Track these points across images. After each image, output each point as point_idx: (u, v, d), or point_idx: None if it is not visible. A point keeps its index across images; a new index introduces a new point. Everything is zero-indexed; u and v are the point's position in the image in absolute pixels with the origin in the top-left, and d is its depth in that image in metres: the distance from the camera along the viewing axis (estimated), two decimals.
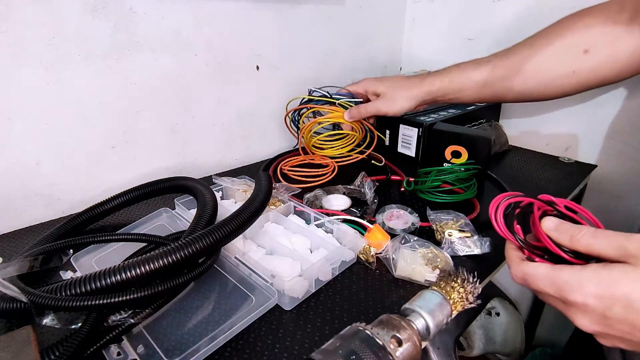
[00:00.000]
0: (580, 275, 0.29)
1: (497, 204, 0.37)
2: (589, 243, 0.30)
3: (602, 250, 0.29)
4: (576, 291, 0.29)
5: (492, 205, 0.37)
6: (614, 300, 0.27)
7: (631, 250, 0.27)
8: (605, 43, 0.54)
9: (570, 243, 0.31)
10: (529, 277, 0.32)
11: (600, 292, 0.28)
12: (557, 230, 0.32)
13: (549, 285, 0.31)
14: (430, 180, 0.64)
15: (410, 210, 0.57)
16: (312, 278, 0.45)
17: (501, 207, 0.37)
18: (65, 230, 0.51)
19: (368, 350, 0.30)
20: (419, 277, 0.46)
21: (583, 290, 0.28)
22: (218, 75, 0.73)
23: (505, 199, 0.37)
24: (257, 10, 0.74)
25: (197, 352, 0.36)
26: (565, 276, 0.30)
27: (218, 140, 0.78)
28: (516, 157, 0.85)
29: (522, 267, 0.33)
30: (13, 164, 0.56)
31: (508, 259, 0.36)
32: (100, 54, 0.59)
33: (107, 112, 0.62)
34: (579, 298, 0.29)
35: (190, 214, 0.56)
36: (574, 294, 0.29)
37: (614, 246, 0.29)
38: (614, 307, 0.27)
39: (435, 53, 1.05)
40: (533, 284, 0.32)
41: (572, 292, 0.29)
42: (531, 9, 0.84)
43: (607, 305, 0.28)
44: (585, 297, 0.28)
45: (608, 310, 0.28)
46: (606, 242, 0.29)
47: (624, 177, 0.81)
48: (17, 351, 0.32)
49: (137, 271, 0.34)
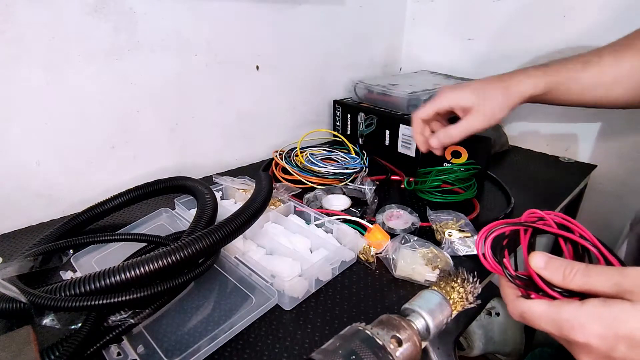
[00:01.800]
0: (580, 314, 0.28)
1: (483, 237, 0.35)
2: (583, 282, 0.29)
3: (597, 288, 0.28)
4: (578, 331, 0.28)
5: (478, 239, 0.35)
6: (617, 340, 0.27)
7: (626, 287, 0.27)
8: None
9: (563, 283, 0.30)
10: (526, 315, 0.31)
11: (602, 332, 0.27)
12: (547, 269, 0.31)
13: (549, 324, 0.30)
14: (430, 180, 0.64)
15: (410, 210, 0.57)
16: (312, 278, 0.45)
17: (489, 240, 0.34)
18: (65, 230, 0.51)
19: (368, 350, 0.30)
20: (419, 277, 0.46)
21: (584, 330, 0.28)
22: (218, 75, 0.73)
23: (492, 231, 0.35)
24: (257, 10, 0.74)
25: (197, 352, 0.36)
26: (565, 315, 0.29)
27: (218, 140, 0.78)
28: (516, 157, 0.85)
29: (518, 305, 0.32)
30: (13, 164, 0.56)
31: (503, 295, 0.34)
32: (100, 54, 0.59)
33: (107, 112, 0.62)
34: (581, 338, 0.28)
35: (190, 214, 0.56)
36: (575, 334, 0.28)
37: (609, 284, 0.28)
38: (618, 347, 0.27)
39: (435, 53, 1.05)
40: (532, 323, 0.31)
41: (573, 331, 0.28)
42: (531, 9, 0.84)
43: (611, 346, 0.27)
44: (588, 338, 0.28)
45: (612, 350, 0.27)
46: (600, 279, 0.28)
47: (624, 177, 0.81)
48: (17, 351, 0.32)
49: (137, 272, 0.34)
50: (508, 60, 0.91)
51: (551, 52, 0.83)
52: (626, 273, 0.27)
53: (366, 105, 0.87)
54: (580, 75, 0.54)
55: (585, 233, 0.33)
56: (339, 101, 0.91)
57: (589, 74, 0.54)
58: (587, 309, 0.28)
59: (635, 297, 0.27)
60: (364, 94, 0.89)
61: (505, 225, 0.35)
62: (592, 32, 0.78)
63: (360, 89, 0.89)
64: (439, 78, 0.95)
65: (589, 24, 0.78)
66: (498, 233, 0.35)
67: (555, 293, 0.31)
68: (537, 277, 0.31)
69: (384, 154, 0.82)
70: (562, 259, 0.31)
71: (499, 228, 0.35)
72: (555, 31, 0.82)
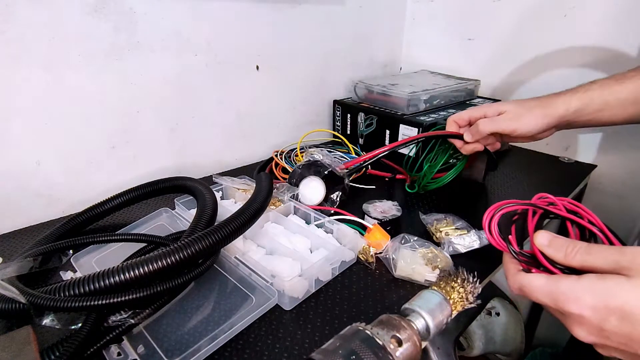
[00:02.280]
0: (576, 287, 0.29)
1: (491, 214, 0.36)
2: (583, 259, 0.30)
3: (596, 266, 0.30)
4: (572, 303, 0.29)
5: (485, 216, 0.36)
6: (609, 312, 0.28)
7: (624, 263, 0.28)
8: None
9: (565, 260, 0.31)
10: (525, 288, 0.33)
11: (595, 303, 0.28)
12: (551, 246, 0.32)
13: (545, 297, 0.31)
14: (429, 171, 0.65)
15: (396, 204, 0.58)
16: (312, 278, 0.45)
17: (495, 217, 0.36)
18: (65, 230, 0.51)
19: (368, 350, 0.30)
20: (419, 277, 0.46)
21: (579, 302, 0.29)
22: (218, 75, 0.73)
23: (499, 209, 0.36)
24: (257, 10, 0.74)
25: (197, 352, 0.36)
26: (562, 288, 0.30)
27: (218, 140, 0.78)
28: (516, 157, 0.85)
29: (518, 279, 0.33)
30: (13, 164, 0.56)
31: (505, 269, 0.36)
32: (100, 54, 0.59)
33: (107, 112, 0.62)
34: (575, 310, 0.29)
35: (190, 214, 0.56)
36: (570, 305, 0.29)
37: (607, 261, 0.29)
38: (609, 319, 0.28)
39: (435, 53, 1.05)
40: (530, 295, 0.32)
41: (568, 303, 0.29)
42: (531, 9, 0.84)
43: (602, 317, 0.28)
44: (581, 309, 0.29)
45: (604, 322, 0.28)
46: (600, 257, 0.29)
47: (624, 177, 0.81)
48: (17, 351, 0.32)
49: (136, 272, 0.34)
50: (508, 61, 0.91)
51: (552, 52, 0.83)
52: (625, 251, 0.28)
53: (366, 105, 0.87)
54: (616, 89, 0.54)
55: (594, 219, 0.34)
56: (339, 101, 0.91)
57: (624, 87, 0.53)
58: (584, 283, 0.29)
59: (631, 272, 0.27)
60: (364, 94, 0.89)
61: (514, 205, 0.36)
62: (593, 32, 0.78)
63: (360, 89, 0.89)
64: (439, 78, 0.95)
65: (590, 23, 0.78)
66: (506, 211, 0.36)
67: (556, 270, 0.32)
68: (540, 255, 0.32)
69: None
70: (566, 238, 0.32)
71: (507, 207, 0.36)
72: (556, 31, 0.82)
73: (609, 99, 0.54)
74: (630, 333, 0.27)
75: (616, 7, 0.74)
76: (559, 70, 0.84)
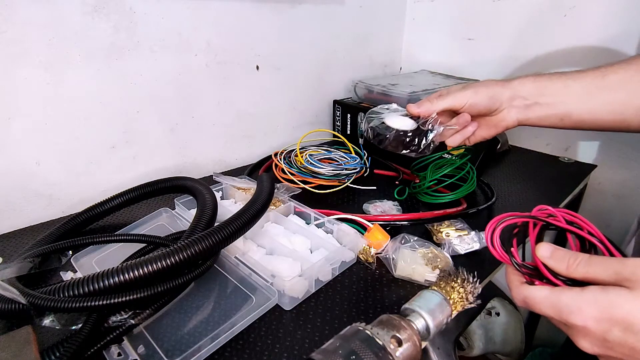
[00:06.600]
0: (579, 299, 0.29)
1: (492, 227, 0.36)
2: (585, 271, 0.30)
3: (598, 277, 0.30)
4: (576, 315, 0.29)
5: (487, 229, 0.36)
6: (612, 323, 0.28)
7: (626, 275, 0.28)
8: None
9: (567, 272, 0.31)
10: (529, 300, 0.33)
11: (598, 315, 0.28)
12: (553, 258, 0.32)
13: (549, 309, 0.31)
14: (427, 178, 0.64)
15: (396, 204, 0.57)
16: (312, 278, 0.45)
17: (497, 230, 0.36)
18: (65, 230, 0.51)
19: (368, 350, 0.30)
20: (419, 277, 0.46)
21: (582, 313, 0.29)
22: (218, 75, 0.73)
23: (501, 222, 0.36)
24: (257, 10, 0.74)
25: (198, 352, 0.36)
26: (565, 300, 0.30)
27: (218, 140, 0.78)
28: (516, 157, 0.85)
29: (522, 291, 0.34)
30: (13, 164, 0.56)
31: (508, 281, 0.36)
32: (100, 54, 0.59)
33: (107, 112, 0.62)
34: (579, 321, 0.29)
35: (190, 214, 0.56)
36: (573, 317, 0.29)
37: (609, 272, 0.29)
38: (612, 330, 0.28)
39: (435, 53, 1.05)
40: (534, 307, 0.33)
41: (571, 315, 0.30)
42: (531, 9, 0.84)
43: (606, 329, 0.28)
44: (585, 321, 0.29)
45: (607, 333, 0.28)
46: (602, 268, 0.30)
47: (624, 177, 0.81)
48: (17, 351, 0.32)
49: (137, 272, 0.34)
50: (508, 60, 0.91)
51: (552, 52, 0.83)
52: (626, 262, 0.29)
53: (366, 105, 0.87)
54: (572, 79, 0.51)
55: (593, 230, 0.34)
56: (339, 101, 0.91)
57: (581, 78, 0.51)
58: (586, 295, 0.29)
59: (633, 284, 0.28)
60: (364, 94, 0.89)
61: (515, 217, 0.36)
62: (593, 32, 0.78)
63: (360, 89, 0.89)
64: (439, 78, 0.95)
65: (590, 23, 0.78)
66: (507, 224, 0.36)
67: (559, 281, 0.32)
68: (542, 266, 0.33)
69: (384, 154, 0.82)
70: (567, 250, 0.33)
71: (508, 219, 0.36)
72: (556, 30, 0.82)
73: (564, 89, 0.51)
74: (633, 344, 0.27)
75: (616, 7, 0.74)
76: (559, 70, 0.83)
